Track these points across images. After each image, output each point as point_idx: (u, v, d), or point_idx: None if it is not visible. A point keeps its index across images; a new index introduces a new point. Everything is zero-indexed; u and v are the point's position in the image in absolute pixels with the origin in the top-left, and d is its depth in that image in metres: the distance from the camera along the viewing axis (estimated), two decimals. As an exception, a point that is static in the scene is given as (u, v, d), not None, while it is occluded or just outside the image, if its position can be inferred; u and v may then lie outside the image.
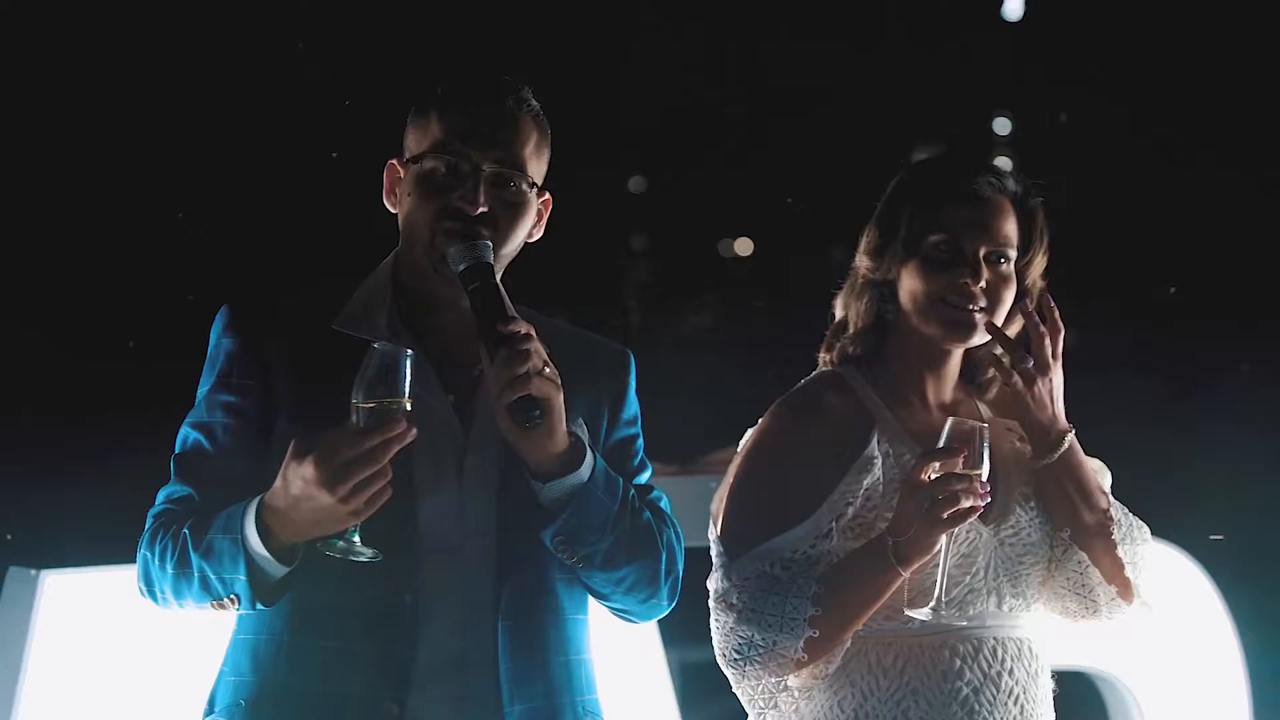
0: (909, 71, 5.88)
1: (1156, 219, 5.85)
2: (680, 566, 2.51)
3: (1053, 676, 2.75)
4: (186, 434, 2.38)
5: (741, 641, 2.56)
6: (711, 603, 2.63)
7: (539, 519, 2.35)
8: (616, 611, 2.52)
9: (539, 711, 2.39)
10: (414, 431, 2.16)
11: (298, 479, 2.14)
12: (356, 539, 2.20)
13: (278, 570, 2.22)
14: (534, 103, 2.44)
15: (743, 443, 2.72)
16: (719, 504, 2.69)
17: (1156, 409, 5.48)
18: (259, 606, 2.26)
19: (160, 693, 3.29)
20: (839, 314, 2.78)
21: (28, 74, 4.17)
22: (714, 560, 2.65)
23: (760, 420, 2.70)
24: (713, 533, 2.67)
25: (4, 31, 4.10)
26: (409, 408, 2.17)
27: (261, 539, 2.20)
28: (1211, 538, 4.50)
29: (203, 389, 2.40)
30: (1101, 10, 5.97)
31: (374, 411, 2.15)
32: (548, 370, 2.26)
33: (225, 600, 2.25)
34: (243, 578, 2.22)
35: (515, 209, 2.39)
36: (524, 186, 2.40)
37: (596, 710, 2.49)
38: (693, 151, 5.78)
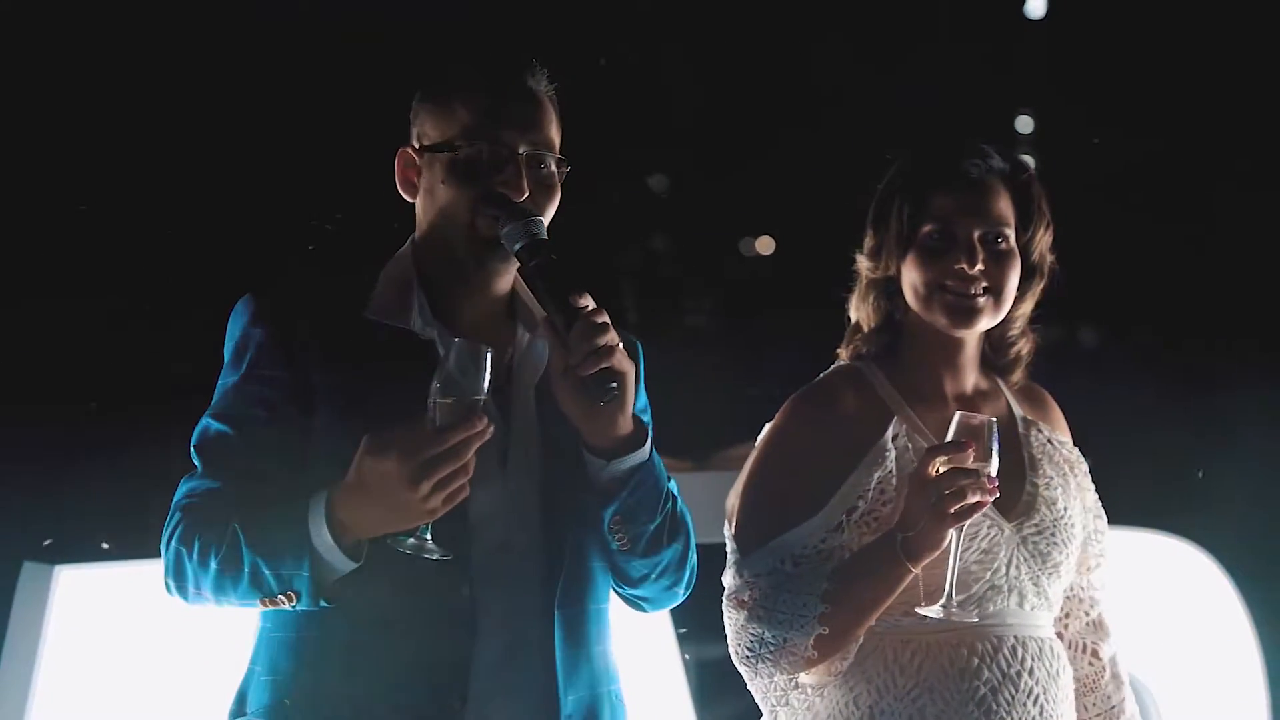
0: (931, 69, 5.87)
1: (1177, 218, 5.84)
2: (695, 555, 2.49)
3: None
4: (210, 426, 2.32)
5: (753, 639, 2.55)
6: (724, 600, 2.62)
7: (594, 500, 2.33)
8: (635, 600, 2.50)
9: (584, 700, 2.37)
10: (492, 427, 2.14)
11: (376, 475, 2.11)
12: (428, 536, 2.17)
13: (345, 567, 2.18)
14: (548, 80, 2.41)
15: (760, 437, 2.70)
16: (734, 499, 2.67)
17: (1176, 406, 5.46)
18: (321, 604, 2.20)
19: (174, 688, 3.29)
20: (853, 316, 2.77)
21: (45, 66, 4.18)
22: (728, 557, 2.64)
23: (776, 415, 2.69)
24: (727, 529, 2.66)
25: (10, 29, 4.10)
26: (484, 401, 2.14)
27: (331, 535, 2.16)
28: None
29: (227, 380, 2.34)
30: (1125, 8, 5.96)
31: (454, 407, 2.13)
32: (621, 345, 2.24)
33: (280, 597, 2.19)
34: (306, 574, 2.17)
35: (550, 190, 2.37)
36: (554, 166, 2.38)
37: (623, 699, 2.48)
38: (713, 150, 5.78)
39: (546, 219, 2.36)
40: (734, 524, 2.64)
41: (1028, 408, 2.79)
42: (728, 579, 2.62)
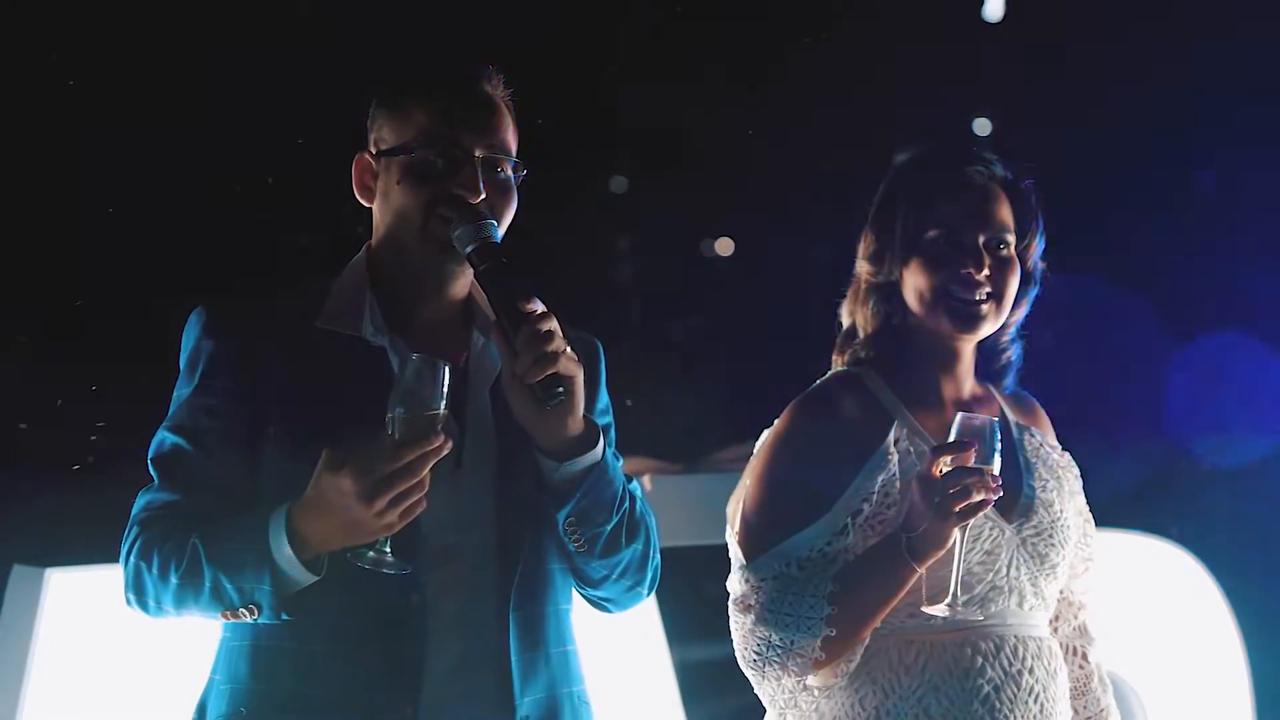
0: (889, 72, 5.89)
1: (1150, 218, 5.86)
2: (659, 556, 2.49)
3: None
4: (165, 439, 2.33)
5: (760, 642, 2.55)
6: (730, 604, 2.62)
7: (549, 502, 2.33)
8: (598, 601, 2.50)
9: (543, 703, 2.37)
10: (450, 443, 2.14)
11: (334, 490, 2.11)
12: (388, 549, 2.17)
13: (305, 580, 2.19)
14: (504, 86, 2.42)
15: (759, 443, 2.70)
16: (736, 505, 2.67)
17: (1165, 405, 5.48)
18: (283, 617, 2.21)
19: (164, 691, 3.29)
20: (845, 321, 2.77)
21: (17, 75, 4.18)
22: (732, 562, 2.64)
23: (776, 420, 2.69)
24: (730, 535, 2.66)
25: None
26: (442, 417, 2.14)
27: (292, 549, 2.17)
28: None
29: (181, 392, 2.35)
30: (1082, 12, 5.98)
31: (411, 423, 2.12)
32: (568, 349, 2.25)
33: (242, 610, 2.20)
34: (267, 587, 2.17)
35: (507, 193, 2.37)
36: (510, 170, 2.38)
37: (588, 700, 2.47)
38: (674, 152, 5.78)
39: (504, 223, 2.36)
40: (737, 529, 2.65)
41: (1018, 413, 2.82)
42: (732, 584, 2.63)
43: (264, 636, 2.29)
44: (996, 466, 2.47)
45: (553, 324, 2.23)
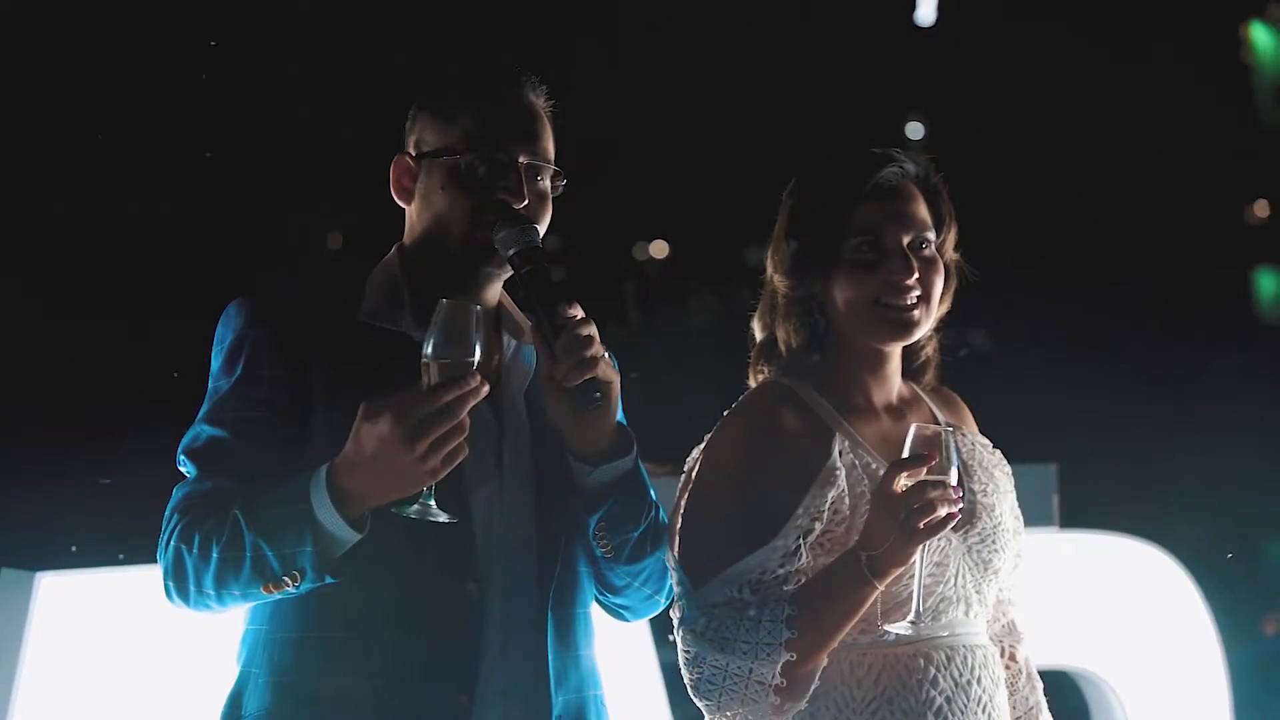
0: (823, 76, 5.89)
1: (1140, 216, 5.89)
2: None
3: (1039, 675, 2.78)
4: (204, 431, 2.32)
5: (715, 672, 2.43)
6: (678, 633, 2.51)
7: (580, 506, 2.36)
8: (616, 608, 2.53)
9: (573, 704, 2.40)
10: (486, 386, 2.14)
11: (373, 439, 2.11)
12: (432, 501, 2.17)
13: (349, 538, 2.17)
14: (546, 96, 2.45)
15: (691, 460, 2.60)
16: (674, 524, 2.55)
17: (1142, 407, 5.52)
18: (327, 579, 2.19)
19: (157, 694, 3.29)
20: (760, 334, 2.67)
21: (30, 70, 4.17)
22: (675, 588, 2.53)
23: (709, 436, 2.59)
24: (670, 558, 2.54)
25: (4, 29, 4.10)
26: (477, 361, 2.15)
27: (334, 505, 2.15)
28: (1228, 556, 4.53)
29: (220, 384, 2.34)
30: (1012, 15, 6.00)
31: (447, 366, 2.13)
32: (607, 354, 2.27)
33: (284, 579, 2.18)
34: (309, 548, 2.15)
35: (545, 201, 2.41)
36: (550, 180, 2.41)
37: (605, 704, 2.50)
38: (611, 154, 5.78)
39: (543, 229, 2.39)
40: (679, 551, 2.52)
41: (945, 411, 2.75)
42: (678, 611, 2.52)
43: (311, 627, 2.30)
44: (954, 477, 2.39)
45: (593, 329, 2.27)
